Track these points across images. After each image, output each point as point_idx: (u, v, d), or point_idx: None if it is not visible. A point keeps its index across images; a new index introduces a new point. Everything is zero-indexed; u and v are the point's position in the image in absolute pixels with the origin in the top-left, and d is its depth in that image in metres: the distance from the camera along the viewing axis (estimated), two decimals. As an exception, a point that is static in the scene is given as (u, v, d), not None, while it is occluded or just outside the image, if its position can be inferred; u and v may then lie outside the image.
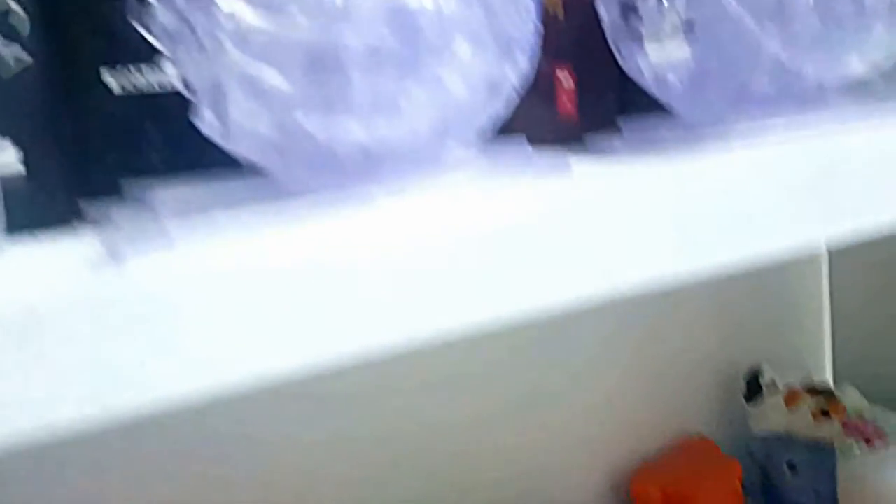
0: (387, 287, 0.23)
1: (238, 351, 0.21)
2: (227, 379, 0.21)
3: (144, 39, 0.27)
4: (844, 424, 0.56)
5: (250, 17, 0.24)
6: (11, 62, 0.28)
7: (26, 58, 0.28)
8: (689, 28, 0.32)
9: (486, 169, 0.29)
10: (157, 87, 0.31)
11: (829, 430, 0.56)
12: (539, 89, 0.38)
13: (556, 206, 0.26)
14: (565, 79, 0.39)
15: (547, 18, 0.38)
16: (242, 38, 0.24)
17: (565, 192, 0.28)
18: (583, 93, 0.39)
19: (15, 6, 0.28)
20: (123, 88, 0.31)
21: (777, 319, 0.67)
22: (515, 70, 0.29)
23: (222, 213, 0.24)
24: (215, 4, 0.24)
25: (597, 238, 0.26)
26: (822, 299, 0.68)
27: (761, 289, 0.66)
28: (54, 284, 0.20)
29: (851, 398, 0.58)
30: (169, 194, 0.26)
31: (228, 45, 0.24)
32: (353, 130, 0.25)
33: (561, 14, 0.38)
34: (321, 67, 0.24)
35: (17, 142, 0.28)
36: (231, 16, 0.24)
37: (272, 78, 0.24)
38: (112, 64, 0.30)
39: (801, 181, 0.29)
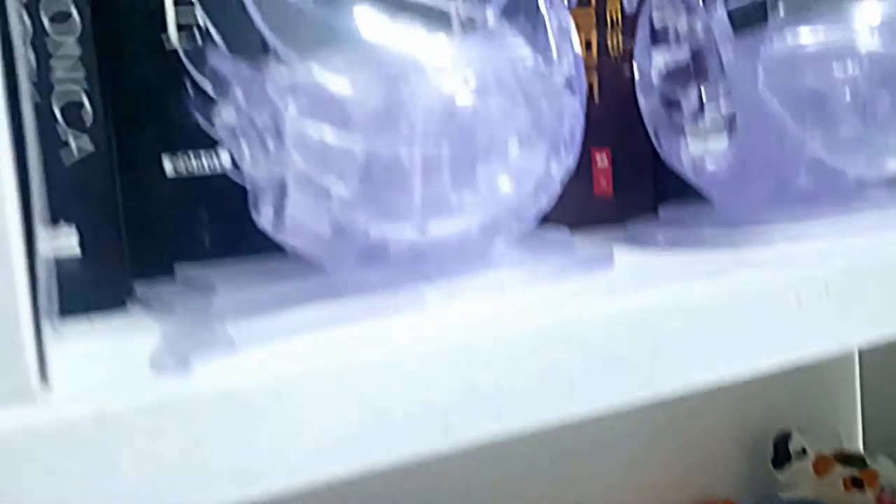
0: (441, 389, 0.23)
1: (300, 454, 0.21)
2: (294, 480, 0.21)
3: (204, 130, 0.27)
4: (879, 497, 0.55)
5: (311, 125, 0.24)
6: (75, 150, 0.29)
7: (89, 146, 0.29)
8: (729, 123, 0.33)
9: (532, 265, 0.29)
10: (212, 172, 0.32)
11: (861, 500, 0.55)
12: (577, 173, 0.38)
13: (600, 306, 0.26)
14: (602, 160, 0.39)
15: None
16: (302, 140, 0.25)
17: (610, 288, 0.28)
18: (620, 175, 0.39)
19: (87, 102, 0.28)
20: (179, 173, 0.32)
21: (807, 384, 0.66)
22: (561, 166, 0.30)
23: (278, 313, 0.24)
24: (278, 107, 0.25)
25: (642, 338, 0.26)
26: (853, 365, 0.68)
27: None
28: (122, 389, 0.21)
29: (885, 468, 0.57)
30: (224, 291, 0.27)
31: (290, 145, 0.25)
32: (405, 231, 0.26)
33: (596, 96, 0.39)
34: (378, 172, 0.25)
35: (75, 225, 0.29)
36: (293, 118, 0.25)
37: (330, 181, 0.25)
38: (171, 151, 0.31)
39: (839, 282, 0.29)
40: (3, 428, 0.19)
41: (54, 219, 0.28)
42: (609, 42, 0.39)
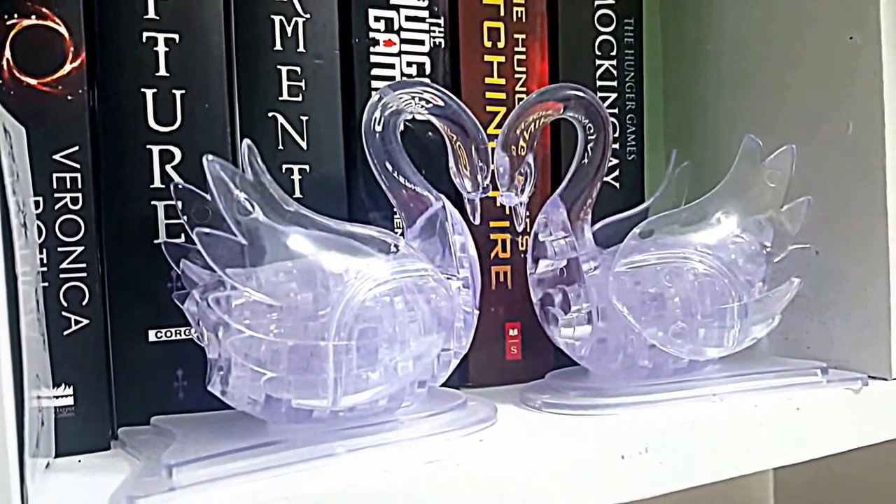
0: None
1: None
2: None
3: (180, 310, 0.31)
4: None
5: (250, 321, 0.28)
6: (73, 323, 0.32)
7: (83, 320, 0.32)
8: (590, 316, 0.36)
9: (428, 422, 0.32)
10: (187, 338, 0.35)
11: None
12: (493, 341, 0.42)
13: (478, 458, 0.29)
14: (513, 332, 0.43)
15: (502, 287, 0.42)
16: (241, 338, 0.28)
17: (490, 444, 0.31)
18: (528, 344, 0.43)
19: (85, 288, 0.32)
20: (157, 344, 0.34)
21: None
22: (459, 347, 0.33)
23: (217, 462, 0.27)
24: (229, 303, 0.29)
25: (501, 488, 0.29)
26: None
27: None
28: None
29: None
30: (179, 438, 0.29)
31: (230, 342, 0.28)
32: (322, 400, 0.29)
33: (510, 283, 0.43)
34: (301, 359, 0.28)
35: (70, 383, 0.32)
36: (240, 310, 0.29)
37: (262, 361, 0.28)
38: (151, 325, 0.34)
39: (657, 442, 0.32)
40: None
41: (55, 379, 0.31)
42: (520, 243, 0.43)
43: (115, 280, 0.34)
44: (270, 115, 0.37)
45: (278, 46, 0.37)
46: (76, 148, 0.32)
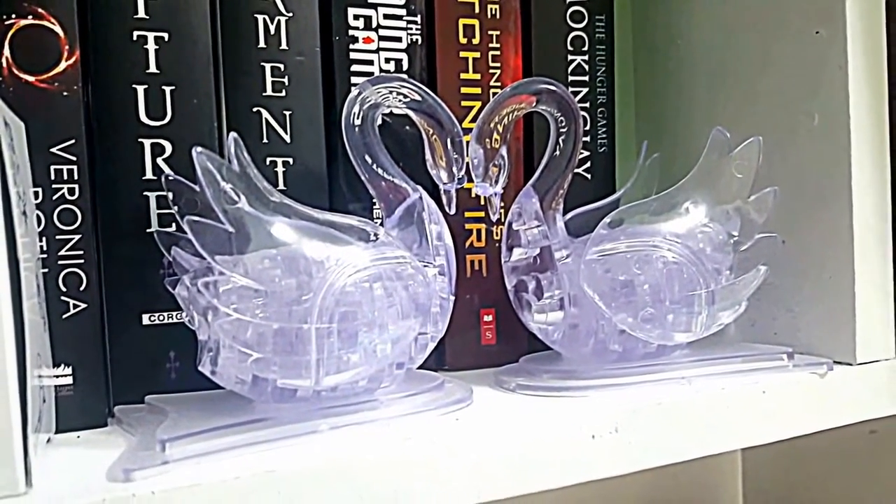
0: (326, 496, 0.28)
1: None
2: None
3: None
4: None
5: (237, 305, 0.31)
6: (71, 307, 0.35)
7: (81, 304, 0.35)
8: (562, 302, 0.39)
9: (407, 402, 0.35)
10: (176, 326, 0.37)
11: None
12: (468, 327, 0.44)
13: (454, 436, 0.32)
14: (487, 318, 0.45)
15: (477, 275, 0.45)
16: (229, 320, 0.31)
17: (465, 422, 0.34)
18: (502, 329, 0.45)
19: (83, 273, 0.35)
20: (150, 327, 0.37)
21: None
22: (435, 331, 0.36)
23: (207, 437, 0.30)
24: (217, 288, 0.31)
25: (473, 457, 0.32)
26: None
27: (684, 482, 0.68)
28: (82, 492, 0.26)
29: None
30: (172, 415, 0.32)
31: (222, 316, 0.31)
32: (306, 380, 0.32)
33: (485, 271, 0.46)
34: (285, 341, 0.31)
35: (70, 363, 0.34)
36: (227, 295, 0.31)
37: (249, 343, 0.31)
38: (145, 309, 0.37)
39: (626, 422, 0.35)
40: None
41: (55, 359, 0.34)
42: (494, 233, 0.45)
43: (110, 267, 0.36)
44: (255, 109, 0.39)
45: (262, 44, 0.39)
46: (72, 141, 0.34)
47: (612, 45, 0.48)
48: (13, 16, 0.33)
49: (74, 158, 0.35)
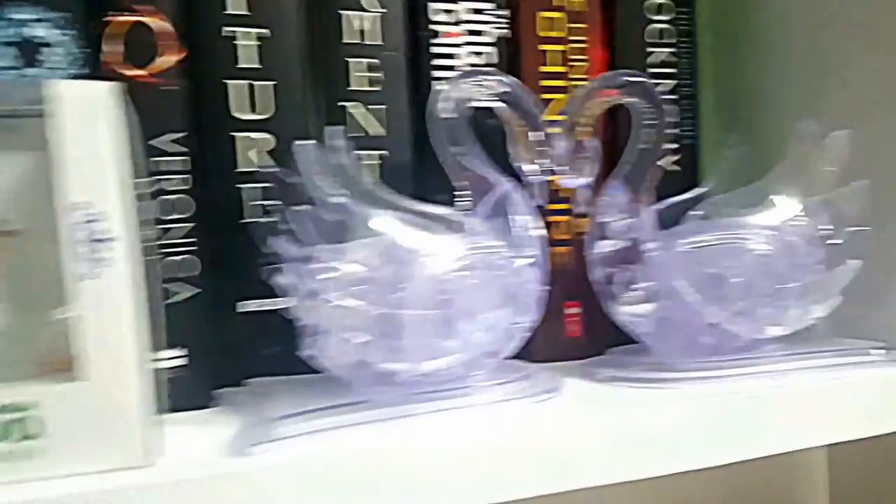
0: (422, 474, 0.30)
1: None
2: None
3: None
4: None
5: (340, 293, 0.32)
6: (179, 292, 0.37)
7: (195, 289, 0.37)
8: (651, 295, 0.40)
9: (499, 390, 0.36)
10: (275, 313, 0.39)
11: None
12: (552, 319, 0.45)
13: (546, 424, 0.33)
14: (572, 311, 0.46)
15: (562, 269, 0.45)
16: (333, 305, 0.32)
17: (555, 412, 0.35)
18: (587, 322, 0.46)
19: (197, 260, 0.37)
20: (245, 314, 0.39)
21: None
22: (527, 321, 0.37)
23: (313, 418, 0.31)
24: (319, 276, 0.33)
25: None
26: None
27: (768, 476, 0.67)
28: (205, 463, 0.28)
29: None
30: (277, 397, 0.34)
31: (324, 303, 0.32)
32: (404, 365, 0.33)
33: (570, 263, 0.46)
34: (385, 327, 0.32)
35: (181, 345, 0.37)
36: (330, 283, 0.33)
37: (350, 329, 0.32)
38: (246, 296, 0.39)
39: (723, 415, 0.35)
40: (121, 486, 0.26)
41: (170, 344, 0.36)
42: (579, 225, 0.46)
43: (213, 255, 0.38)
44: (348, 103, 0.41)
45: (355, 39, 0.41)
46: (182, 133, 0.37)
47: (696, 36, 0.49)
48: (123, 13, 0.36)
49: (186, 150, 0.37)
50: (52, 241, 0.28)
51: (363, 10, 0.41)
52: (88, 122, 0.27)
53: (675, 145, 0.48)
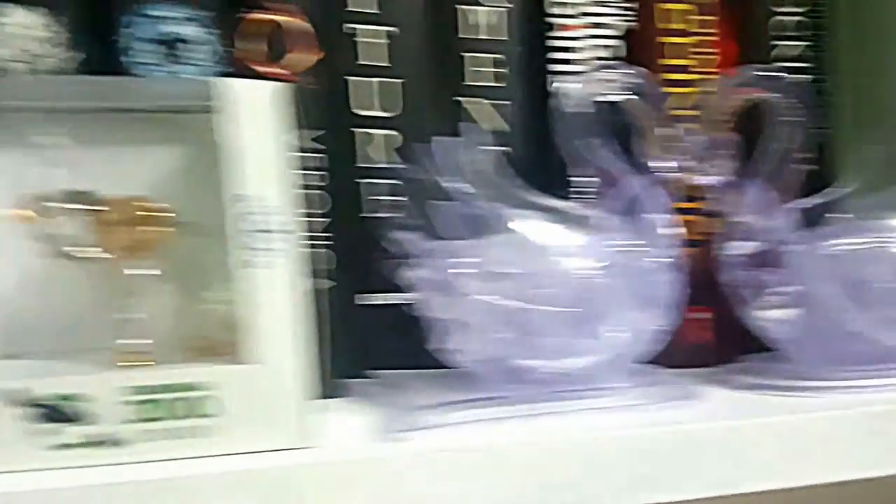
0: (551, 470, 0.30)
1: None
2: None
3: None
4: None
5: (477, 287, 0.32)
6: (316, 285, 0.38)
7: (329, 283, 0.38)
8: (790, 299, 0.38)
9: (634, 394, 0.35)
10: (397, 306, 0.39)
11: None
12: (685, 325, 0.44)
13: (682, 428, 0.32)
14: (702, 316, 0.45)
15: (690, 270, 0.44)
16: (469, 300, 0.33)
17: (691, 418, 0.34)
18: (719, 328, 0.44)
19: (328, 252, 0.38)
20: (374, 306, 0.40)
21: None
22: (664, 322, 0.36)
23: (449, 410, 0.32)
24: (455, 271, 0.33)
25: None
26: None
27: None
28: (366, 446, 0.29)
29: None
30: (409, 388, 0.34)
31: (461, 298, 0.33)
32: (539, 364, 0.33)
33: (699, 266, 0.45)
34: (522, 324, 0.32)
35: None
36: (464, 278, 0.33)
37: (485, 324, 0.32)
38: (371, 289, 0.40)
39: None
40: (292, 464, 0.28)
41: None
42: (712, 225, 0.43)
43: (340, 249, 0.39)
44: (476, 99, 0.41)
45: (482, 35, 0.41)
46: (320, 132, 0.38)
47: (830, 31, 0.47)
48: (251, 10, 0.36)
49: (324, 147, 0.38)
50: (212, 230, 0.29)
51: (483, 5, 0.41)
52: (258, 119, 0.28)
53: (808, 144, 0.46)
